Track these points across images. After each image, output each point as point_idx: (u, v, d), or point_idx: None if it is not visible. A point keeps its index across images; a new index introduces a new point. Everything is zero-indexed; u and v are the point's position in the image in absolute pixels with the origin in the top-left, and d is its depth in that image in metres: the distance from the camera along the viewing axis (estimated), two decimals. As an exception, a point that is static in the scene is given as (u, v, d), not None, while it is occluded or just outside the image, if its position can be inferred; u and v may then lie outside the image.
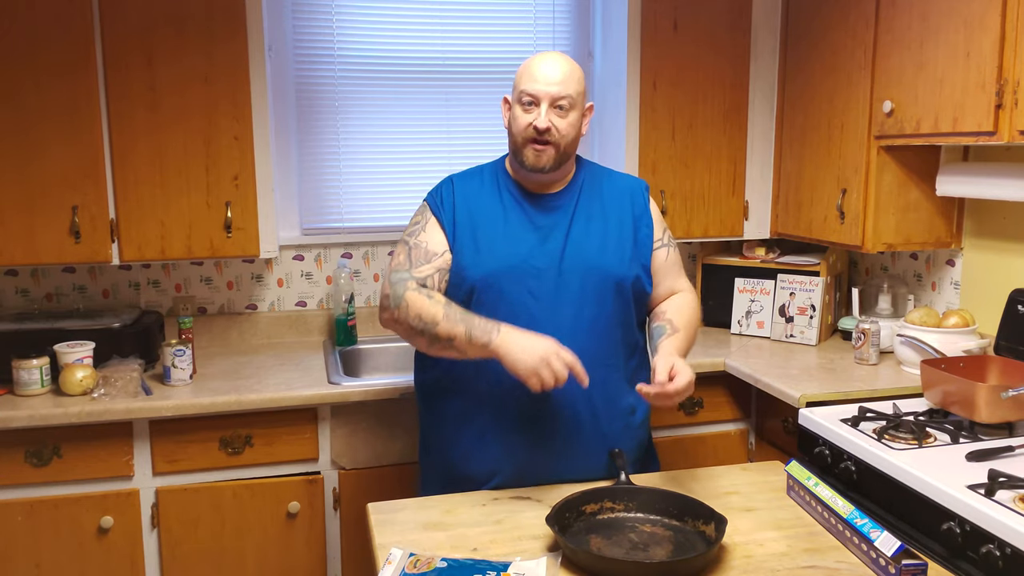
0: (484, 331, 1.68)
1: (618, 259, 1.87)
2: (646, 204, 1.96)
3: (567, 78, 1.80)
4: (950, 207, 2.55)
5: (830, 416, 2.10)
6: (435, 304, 1.75)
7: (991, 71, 2.01)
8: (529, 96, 1.80)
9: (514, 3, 3.05)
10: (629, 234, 1.91)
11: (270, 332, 2.96)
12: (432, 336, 1.74)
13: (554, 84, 1.79)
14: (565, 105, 1.80)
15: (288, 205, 2.96)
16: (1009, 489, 1.63)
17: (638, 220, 1.93)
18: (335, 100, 2.96)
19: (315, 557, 2.44)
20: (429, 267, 1.84)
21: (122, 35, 2.41)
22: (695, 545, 1.49)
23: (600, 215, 1.90)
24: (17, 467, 2.24)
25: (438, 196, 1.92)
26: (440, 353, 1.77)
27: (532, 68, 1.82)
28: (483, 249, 1.83)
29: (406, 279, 1.82)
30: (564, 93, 1.79)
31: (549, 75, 1.80)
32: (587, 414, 1.83)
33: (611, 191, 1.95)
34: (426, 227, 1.88)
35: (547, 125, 1.79)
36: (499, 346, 1.65)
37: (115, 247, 2.49)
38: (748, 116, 2.91)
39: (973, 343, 2.34)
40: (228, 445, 2.36)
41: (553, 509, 1.53)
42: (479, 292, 1.82)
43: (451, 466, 1.90)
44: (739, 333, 2.97)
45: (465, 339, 1.69)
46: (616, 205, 1.93)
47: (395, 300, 1.80)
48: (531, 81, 1.80)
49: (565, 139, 1.82)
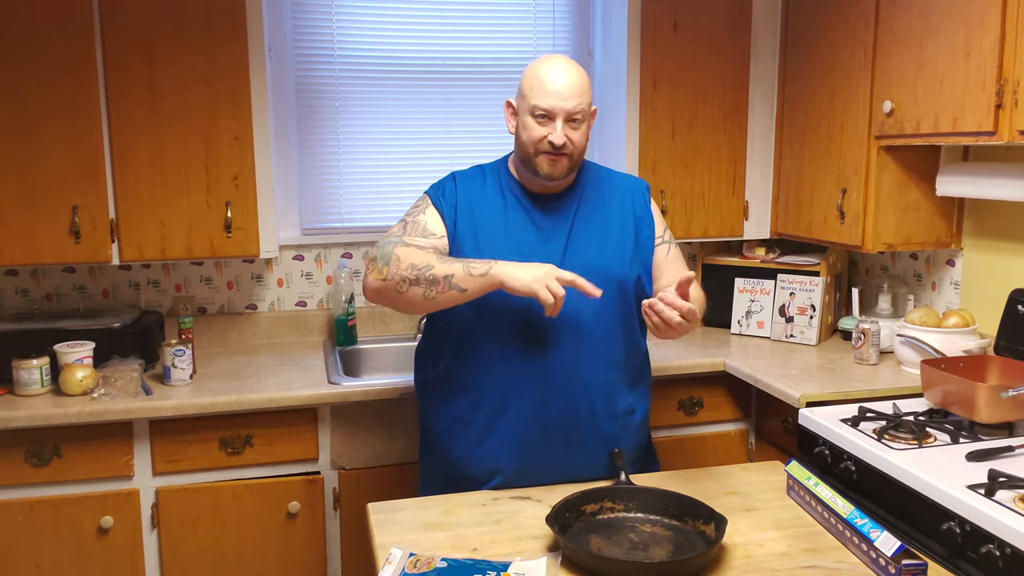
0: (481, 263, 1.70)
1: (619, 259, 1.88)
2: (647, 204, 1.97)
3: (581, 91, 1.80)
4: (950, 207, 2.55)
5: (830, 416, 2.10)
6: (426, 253, 1.76)
7: (991, 71, 2.01)
8: (543, 111, 1.79)
9: (514, 3, 3.05)
10: (630, 234, 1.91)
11: (270, 332, 2.96)
12: (429, 280, 1.71)
13: (570, 99, 1.78)
14: (579, 118, 1.81)
15: (288, 205, 2.96)
16: (1009, 489, 1.63)
17: (640, 220, 1.94)
18: (335, 100, 2.96)
19: (315, 557, 2.44)
20: (424, 241, 1.81)
21: (122, 35, 2.41)
22: (695, 545, 1.49)
23: (601, 216, 1.91)
24: (17, 467, 2.24)
25: (440, 190, 1.92)
26: (440, 301, 1.73)
27: (543, 80, 1.79)
28: (484, 248, 1.83)
29: (395, 241, 1.81)
30: (579, 108, 1.80)
31: (562, 89, 1.78)
32: (587, 414, 1.83)
33: (612, 191, 1.95)
34: (425, 211, 1.88)
35: (564, 141, 1.79)
36: (500, 270, 1.67)
37: (115, 247, 2.49)
38: (748, 116, 2.91)
39: (973, 343, 2.34)
40: (228, 445, 2.36)
41: (553, 509, 1.53)
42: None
43: (451, 466, 1.90)
44: (739, 333, 2.97)
45: (464, 273, 1.69)
46: (617, 206, 1.93)
47: (383, 258, 1.77)
48: (544, 95, 1.78)
49: (578, 149, 1.84)
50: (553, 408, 1.81)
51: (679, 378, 2.63)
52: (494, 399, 1.83)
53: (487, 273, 1.68)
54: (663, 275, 1.95)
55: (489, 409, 1.84)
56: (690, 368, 2.62)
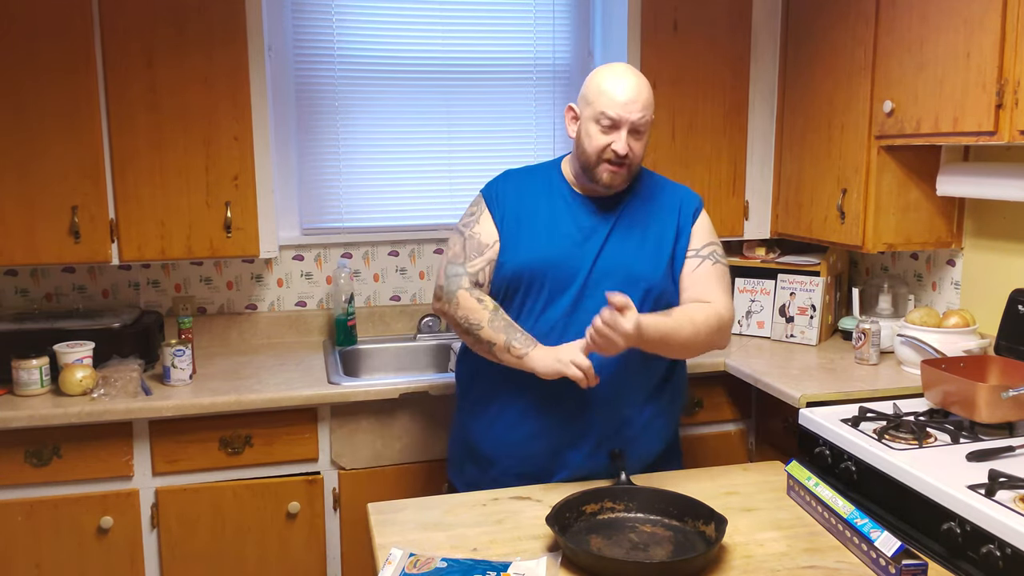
0: (522, 344, 1.78)
1: (652, 268, 1.88)
2: (691, 218, 1.94)
3: (647, 102, 1.82)
4: (950, 207, 2.55)
5: (830, 416, 2.10)
6: (483, 308, 1.84)
7: (991, 71, 2.01)
8: (610, 120, 1.80)
9: (514, 3, 3.05)
10: (668, 246, 1.91)
11: (270, 332, 2.96)
12: (476, 337, 1.85)
13: (636, 111, 1.80)
14: (643, 128, 1.83)
15: (288, 205, 2.96)
16: (1009, 489, 1.63)
17: (681, 233, 1.92)
18: (335, 100, 2.96)
19: (315, 557, 2.44)
20: (481, 260, 1.91)
21: (122, 35, 2.41)
22: (695, 545, 1.49)
23: (643, 223, 1.91)
24: (17, 467, 2.24)
25: (494, 189, 1.98)
26: (479, 351, 1.88)
27: (611, 89, 1.81)
28: (524, 242, 1.88)
29: (460, 275, 1.89)
30: (644, 119, 1.82)
31: (630, 99, 1.80)
32: (603, 415, 1.86)
33: (660, 201, 1.95)
34: (480, 219, 1.94)
35: (627, 151, 1.81)
36: (532, 360, 1.77)
37: (115, 247, 2.49)
38: (748, 116, 2.91)
39: (973, 343, 2.34)
40: (228, 445, 2.36)
41: (553, 509, 1.53)
42: (515, 282, 1.88)
43: (472, 446, 1.99)
44: (739, 333, 2.97)
45: (503, 347, 1.80)
46: (661, 216, 1.93)
47: (448, 295, 1.90)
48: (612, 104, 1.80)
49: (638, 159, 1.86)
50: (571, 405, 1.85)
51: (679, 378, 2.63)
52: (521, 385, 1.88)
53: (521, 359, 1.79)
54: (687, 289, 1.91)
55: (512, 394, 1.90)
56: (690, 368, 2.60)
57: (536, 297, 1.87)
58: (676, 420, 2.04)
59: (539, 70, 3.10)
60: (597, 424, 1.86)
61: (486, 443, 1.95)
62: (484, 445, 1.96)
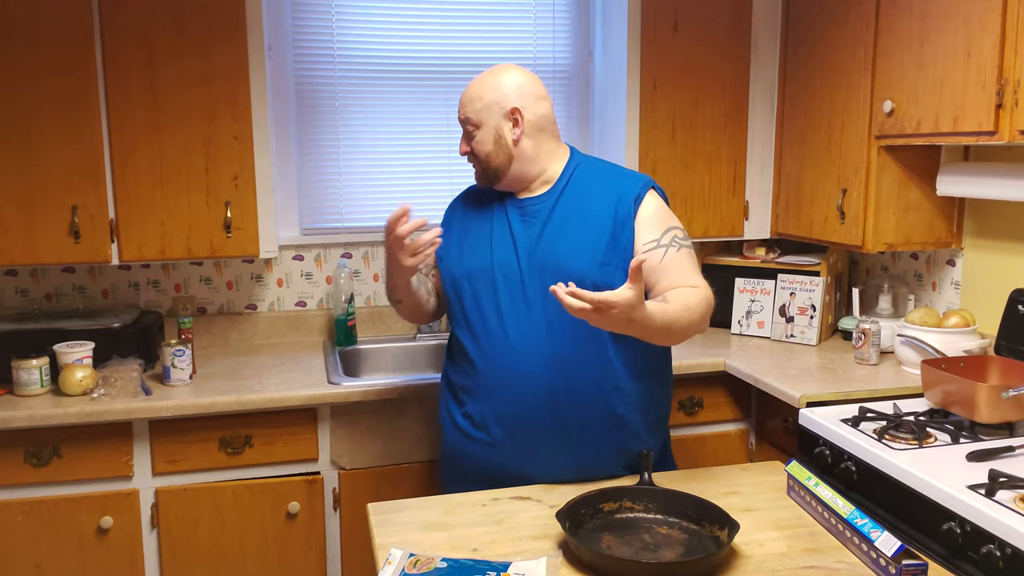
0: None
1: (588, 262, 1.81)
2: (633, 205, 1.84)
3: (468, 100, 1.91)
4: (950, 207, 2.55)
5: (830, 416, 2.10)
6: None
7: (991, 71, 2.01)
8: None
9: (514, 3, 3.05)
10: (606, 237, 1.82)
11: (270, 332, 2.96)
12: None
13: (461, 111, 1.92)
14: (471, 127, 1.91)
15: (288, 205, 2.96)
16: (1009, 489, 1.63)
17: (623, 224, 1.83)
18: (335, 100, 2.96)
19: (315, 557, 2.44)
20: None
21: (122, 35, 2.41)
22: (706, 549, 1.48)
23: (578, 218, 1.85)
24: (17, 467, 2.24)
25: (450, 204, 2.10)
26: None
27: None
28: (466, 250, 1.95)
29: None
30: (464, 116, 1.92)
31: (461, 101, 1.93)
32: (571, 418, 1.82)
33: (600, 191, 1.87)
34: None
35: (463, 151, 1.94)
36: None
37: (115, 247, 2.49)
38: (748, 116, 2.91)
39: (973, 343, 2.34)
40: (228, 445, 2.36)
41: (567, 504, 1.52)
42: (457, 291, 1.94)
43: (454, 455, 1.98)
44: (739, 333, 2.97)
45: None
46: (598, 208, 1.85)
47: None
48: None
49: (483, 157, 1.91)
50: (534, 405, 1.82)
51: (679, 378, 2.62)
52: (491, 391, 1.89)
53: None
54: (659, 281, 1.82)
55: (485, 397, 1.90)
56: (690, 368, 2.62)
57: (476, 300, 1.89)
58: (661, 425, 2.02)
59: (539, 70, 3.10)
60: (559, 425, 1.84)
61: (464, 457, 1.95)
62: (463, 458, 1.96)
